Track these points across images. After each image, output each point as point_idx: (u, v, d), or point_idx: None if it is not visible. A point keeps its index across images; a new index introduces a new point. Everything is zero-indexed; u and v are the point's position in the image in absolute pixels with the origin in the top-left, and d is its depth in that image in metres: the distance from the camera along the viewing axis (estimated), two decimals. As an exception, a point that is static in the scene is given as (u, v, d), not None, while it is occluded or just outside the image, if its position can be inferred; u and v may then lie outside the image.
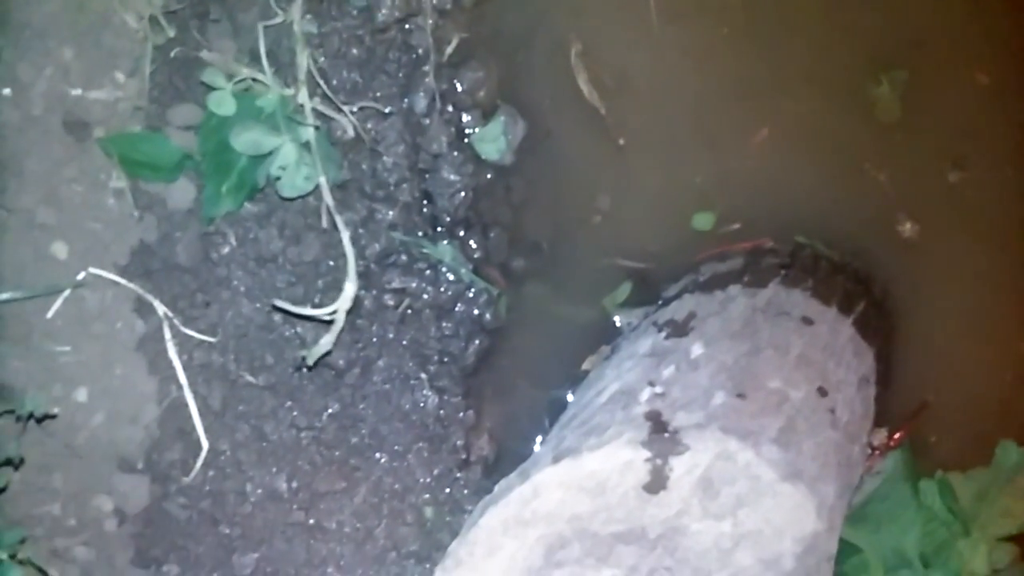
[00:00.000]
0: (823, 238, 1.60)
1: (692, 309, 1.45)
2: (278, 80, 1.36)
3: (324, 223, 1.42)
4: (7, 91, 1.31)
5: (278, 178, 1.36)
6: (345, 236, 1.36)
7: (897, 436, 1.62)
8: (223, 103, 1.33)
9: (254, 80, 1.35)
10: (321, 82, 1.39)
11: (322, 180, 1.36)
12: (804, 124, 1.63)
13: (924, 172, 1.65)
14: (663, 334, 1.42)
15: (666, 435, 1.15)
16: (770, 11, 1.62)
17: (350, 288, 1.34)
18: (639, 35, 1.61)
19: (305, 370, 1.46)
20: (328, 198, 1.36)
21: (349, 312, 1.47)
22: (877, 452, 1.60)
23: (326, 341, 1.34)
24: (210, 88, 1.33)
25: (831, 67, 1.63)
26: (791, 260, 1.56)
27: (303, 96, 1.36)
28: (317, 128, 1.38)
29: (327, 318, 1.34)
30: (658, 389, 1.26)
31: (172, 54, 1.36)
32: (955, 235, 1.65)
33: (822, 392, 1.31)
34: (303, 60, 1.36)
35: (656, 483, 1.15)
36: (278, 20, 1.36)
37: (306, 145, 1.36)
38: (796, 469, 1.16)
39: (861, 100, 1.63)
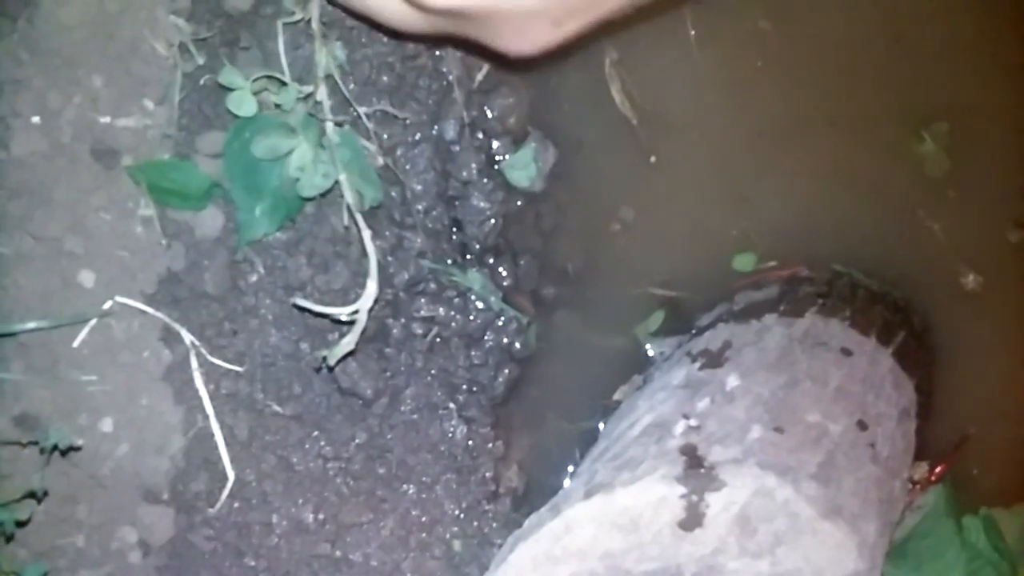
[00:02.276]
0: (862, 268, 1.57)
1: (727, 339, 1.43)
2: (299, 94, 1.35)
3: (344, 220, 1.39)
4: (36, 119, 1.30)
5: (297, 179, 1.34)
6: (367, 236, 1.33)
7: (939, 470, 1.58)
8: (243, 103, 1.30)
9: (269, 78, 1.33)
10: (354, 104, 1.38)
11: (342, 177, 1.33)
12: (847, 170, 1.59)
13: (982, 228, 1.61)
14: (697, 364, 1.40)
15: (702, 470, 1.12)
16: (798, 50, 1.58)
17: (372, 286, 1.31)
18: (676, 54, 1.58)
19: (332, 397, 1.44)
20: (348, 196, 1.33)
21: (376, 340, 1.45)
22: (918, 487, 1.56)
23: (348, 341, 1.30)
24: (229, 90, 1.31)
25: (867, 117, 1.59)
26: (828, 289, 1.53)
27: (321, 93, 1.34)
28: (339, 125, 1.35)
29: (348, 318, 1.32)
30: (693, 422, 1.23)
31: (201, 81, 1.35)
32: (1017, 289, 1.62)
33: (862, 426, 1.28)
34: (321, 57, 1.34)
35: (691, 520, 1.12)
36: (296, 17, 1.34)
37: (323, 144, 1.34)
38: (836, 506, 1.13)
39: (907, 152, 1.60)
